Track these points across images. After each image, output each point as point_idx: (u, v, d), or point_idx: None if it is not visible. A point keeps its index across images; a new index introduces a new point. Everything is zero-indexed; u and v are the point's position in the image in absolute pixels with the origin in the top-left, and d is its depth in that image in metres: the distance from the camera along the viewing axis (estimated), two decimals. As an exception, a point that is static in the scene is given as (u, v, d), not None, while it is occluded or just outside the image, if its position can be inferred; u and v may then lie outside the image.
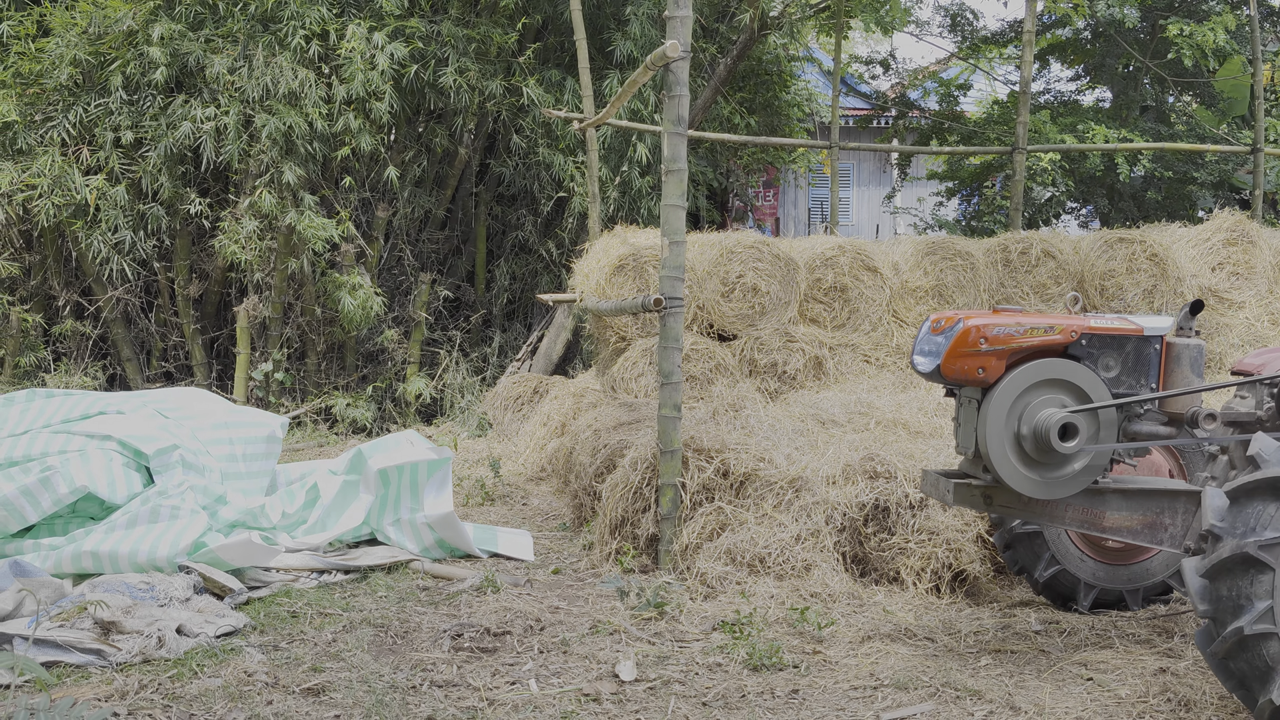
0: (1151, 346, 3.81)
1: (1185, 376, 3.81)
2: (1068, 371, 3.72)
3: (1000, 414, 3.68)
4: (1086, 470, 3.75)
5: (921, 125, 16.15)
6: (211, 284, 10.18)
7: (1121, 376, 3.80)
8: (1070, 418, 3.63)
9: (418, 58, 9.95)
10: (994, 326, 3.70)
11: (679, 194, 5.12)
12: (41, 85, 9.45)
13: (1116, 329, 3.79)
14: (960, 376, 3.72)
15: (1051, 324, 3.74)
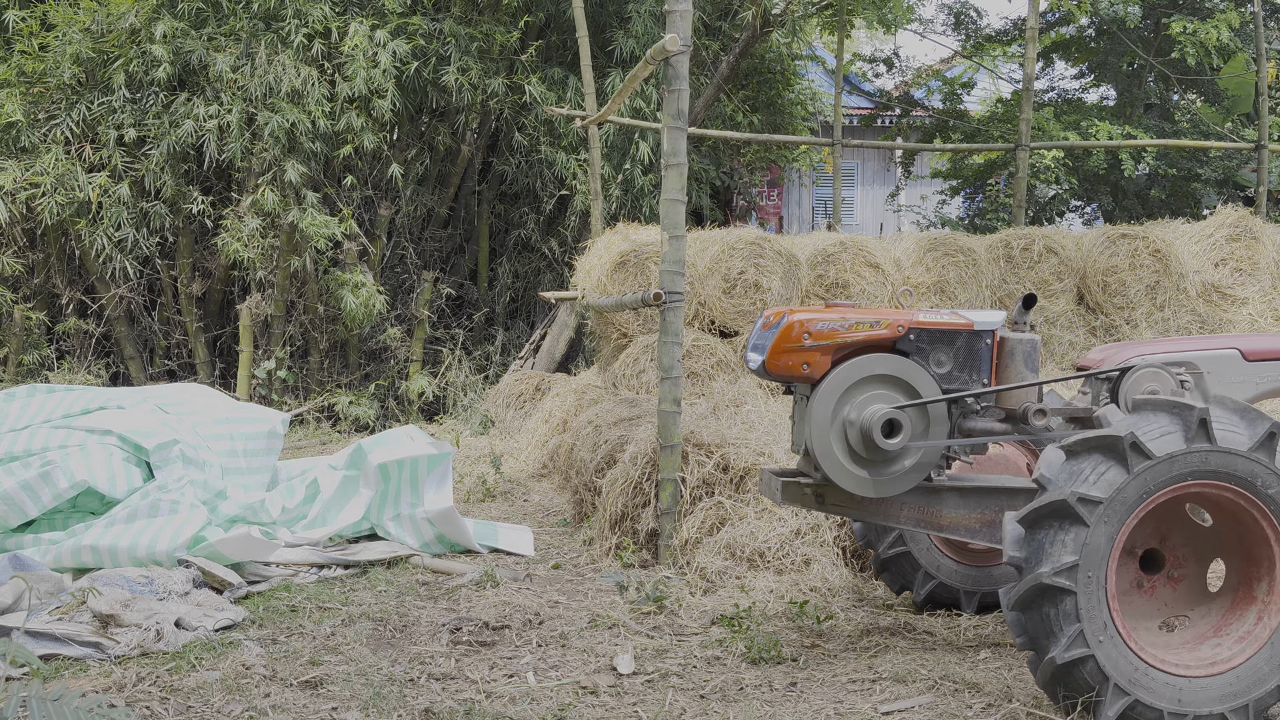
0: (983, 341, 3.71)
1: (1020, 371, 3.73)
2: (894, 367, 3.64)
3: (826, 410, 3.61)
4: (917, 468, 3.67)
5: (925, 124, 16.13)
6: (214, 282, 10.19)
7: (954, 372, 3.70)
8: (895, 414, 3.55)
9: (420, 55, 9.97)
10: (818, 321, 3.63)
11: (679, 188, 5.11)
12: (45, 83, 9.47)
13: (946, 324, 3.70)
14: (785, 372, 3.65)
15: (878, 319, 3.66)
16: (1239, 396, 3.75)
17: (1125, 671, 3.08)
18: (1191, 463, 3.08)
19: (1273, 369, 3.82)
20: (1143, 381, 3.62)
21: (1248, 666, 3.14)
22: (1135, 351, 3.82)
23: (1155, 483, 3.08)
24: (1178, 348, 3.86)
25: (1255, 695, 3.13)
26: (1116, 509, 3.06)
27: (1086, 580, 3.06)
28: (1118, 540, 3.08)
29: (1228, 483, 3.11)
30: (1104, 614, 3.08)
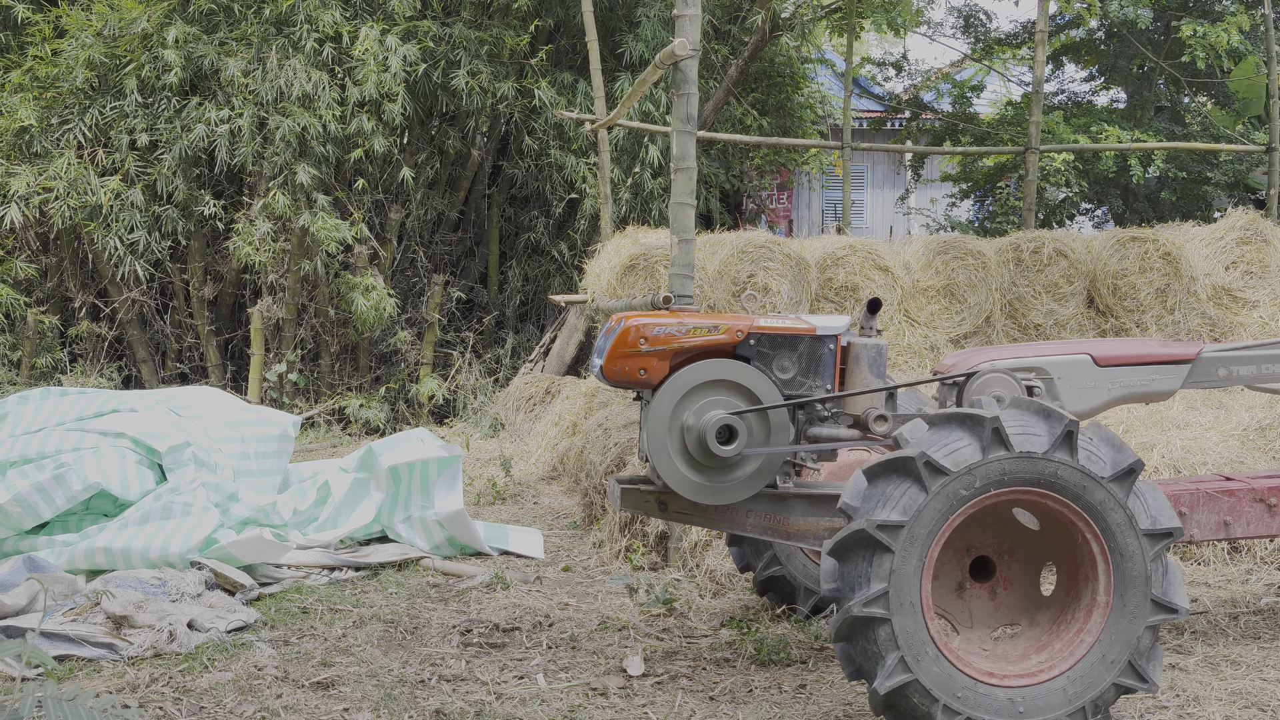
0: (826, 346, 3.62)
1: (865, 376, 3.64)
2: (733, 372, 3.54)
3: (662, 417, 3.52)
4: (758, 474, 3.59)
5: (935, 127, 16.14)
6: (226, 285, 10.24)
7: (798, 377, 3.60)
8: (730, 419, 3.46)
9: (430, 59, 10.00)
10: (654, 326, 3.54)
11: (688, 192, 5.13)
12: (58, 88, 9.53)
13: (787, 329, 3.61)
14: (622, 378, 3.56)
15: (716, 324, 3.57)
16: (1091, 402, 3.72)
17: (953, 690, 3.00)
18: (991, 473, 2.99)
19: (1125, 374, 3.76)
20: (987, 387, 3.56)
21: (1080, 667, 3.07)
22: (985, 357, 3.77)
23: (958, 498, 2.99)
24: (1028, 353, 3.80)
25: (1091, 696, 3.06)
26: (921, 530, 2.98)
27: (900, 605, 2.98)
28: (928, 561, 3.00)
29: (1033, 487, 3.03)
30: (923, 636, 3.00)
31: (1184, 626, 4.26)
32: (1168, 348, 3.82)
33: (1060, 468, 3.01)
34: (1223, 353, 3.82)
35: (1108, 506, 3.03)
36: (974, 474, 2.99)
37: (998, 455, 2.99)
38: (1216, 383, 3.81)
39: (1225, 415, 5.98)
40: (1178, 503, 3.79)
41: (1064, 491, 3.04)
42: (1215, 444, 5.41)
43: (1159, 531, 3.06)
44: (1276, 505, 3.81)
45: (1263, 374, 3.80)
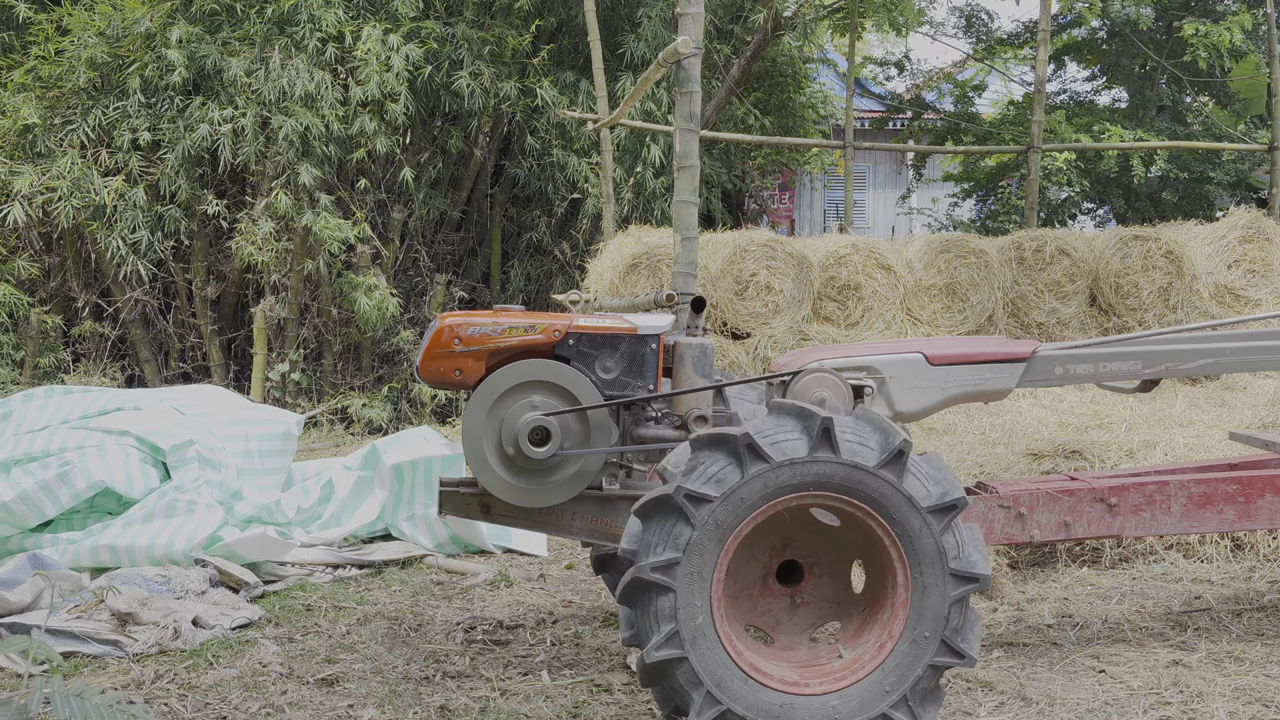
0: (648, 346, 3.54)
1: (689, 376, 3.58)
2: (550, 372, 3.47)
3: (479, 418, 3.45)
4: (577, 476, 3.51)
5: (936, 126, 16.15)
6: (229, 285, 10.25)
7: (621, 378, 3.53)
8: (544, 421, 3.40)
9: (433, 59, 10.01)
10: (469, 326, 3.47)
11: (691, 190, 5.14)
12: (60, 88, 9.54)
13: (607, 329, 3.53)
14: (438, 379, 3.50)
15: (533, 323, 3.50)
16: (924, 401, 3.67)
17: (721, 679, 2.92)
18: (812, 472, 2.91)
19: (959, 373, 3.70)
20: (811, 386, 3.48)
21: (859, 688, 2.97)
22: (818, 356, 3.71)
23: (773, 488, 2.91)
24: (860, 352, 3.74)
25: (909, 682, 2.96)
26: (729, 510, 2.90)
27: (688, 579, 2.90)
28: (729, 542, 2.93)
29: (852, 497, 2.94)
30: (705, 616, 2.92)
31: (1187, 623, 4.27)
32: (1003, 346, 3.76)
33: (884, 485, 2.93)
34: (1059, 351, 3.75)
35: (884, 492, 2.93)
36: (795, 468, 2.90)
37: (824, 456, 2.91)
38: (1053, 381, 3.74)
39: (1228, 413, 5.99)
40: (1017, 503, 3.73)
41: (878, 508, 2.95)
42: (1218, 441, 5.42)
43: (943, 505, 2.94)
44: (1118, 505, 3.75)
45: (1099, 372, 3.74)
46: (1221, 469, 4.17)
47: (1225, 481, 3.78)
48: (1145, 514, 3.76)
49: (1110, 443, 5.44)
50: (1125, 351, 3.76)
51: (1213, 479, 3.79)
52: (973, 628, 3.01)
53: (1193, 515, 3.77)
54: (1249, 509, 3.76)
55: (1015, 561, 5.03)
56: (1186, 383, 7.17)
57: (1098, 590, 4.80)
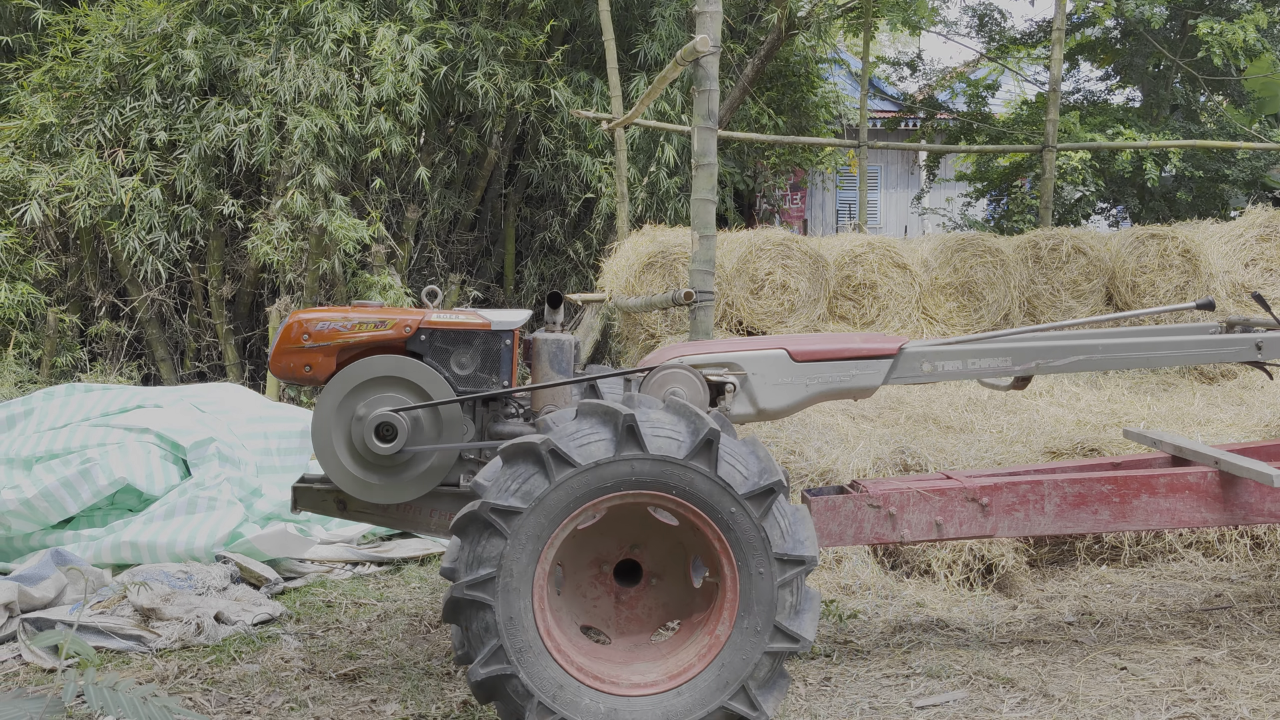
0: (502, 342, 3.50)
1: (546, 372, 3.55)
2: (399, 368, 3.43)
3: (328, 414, 3.42)
4: (430, 472, 3.46)
5: (949, 126, 16.12)
6: (244, 285, 10.28)
7: (477, 373, 3.50)
8: (390, 417, 3.36)
9: (447, 60, 10.04)
10: (318, 321, 3.45)
11: (709, 188, 5.14)
12: (78, 88, 9.59)
13: (459, 324, 3.49)
14: (289, 374, 3.48)
15: (383, 319, 3.46)
16: (788, 398, 3.61)
17: (551, 690, 2.89)
18: (621, 471, 2.88)
19: (823, 369, 3.64)
20: (665, 383, 3.46)
21: (697, 683, 2.94)
22: (684, 352, 3.66)
23: (583, 491, 2.88)
24: (723, 348, 3.69)
25: (699, 715, 2.92)
26: (539, 519, 2.87)
27: (506, 593, 2.87)
28: (544, 550, 2.90)
29: (666, 491, 2.90)
30: (529, 629, 2.90)
31: (1208, 621, 4.27)
32: (869, 342, 3.70)
33: (695, 475, 2.89)
34: (927, 347, 3.71)
35: (698, 483, 2.89)
36: (602, 470, 2.88)
37: (630, 454, 2.87)
38: (921, 378, 3.69)
39: (1246, 412, 5.97)
40: (887, 502, 3.70)
41: (696, 500, 2.91)
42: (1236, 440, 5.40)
43: (760, 490, 2.90)
44: (990, 505, 3.71)
45: (968, 369, 3.69)
46: (1103, 468, 4.14)
47: (1100, 481, 3.75)
48: (1019, 514, 3.72)
49: (1129, 441, 5.42)
50: (994, 348, 3.71)
51: (1087, 479, 3.75)
52: (807, 610, 2.98)
53: (1067, 515, 3.73)
54: (1124, 509, 3.73)
55: (1034, 560, 5.03)
56: (1204, 381, 7.16)
57: (1117, 588, 4.80)
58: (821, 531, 3.65)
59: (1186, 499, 3.76)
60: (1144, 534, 5.11)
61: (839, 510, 3.68)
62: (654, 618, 3.26)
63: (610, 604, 3.24)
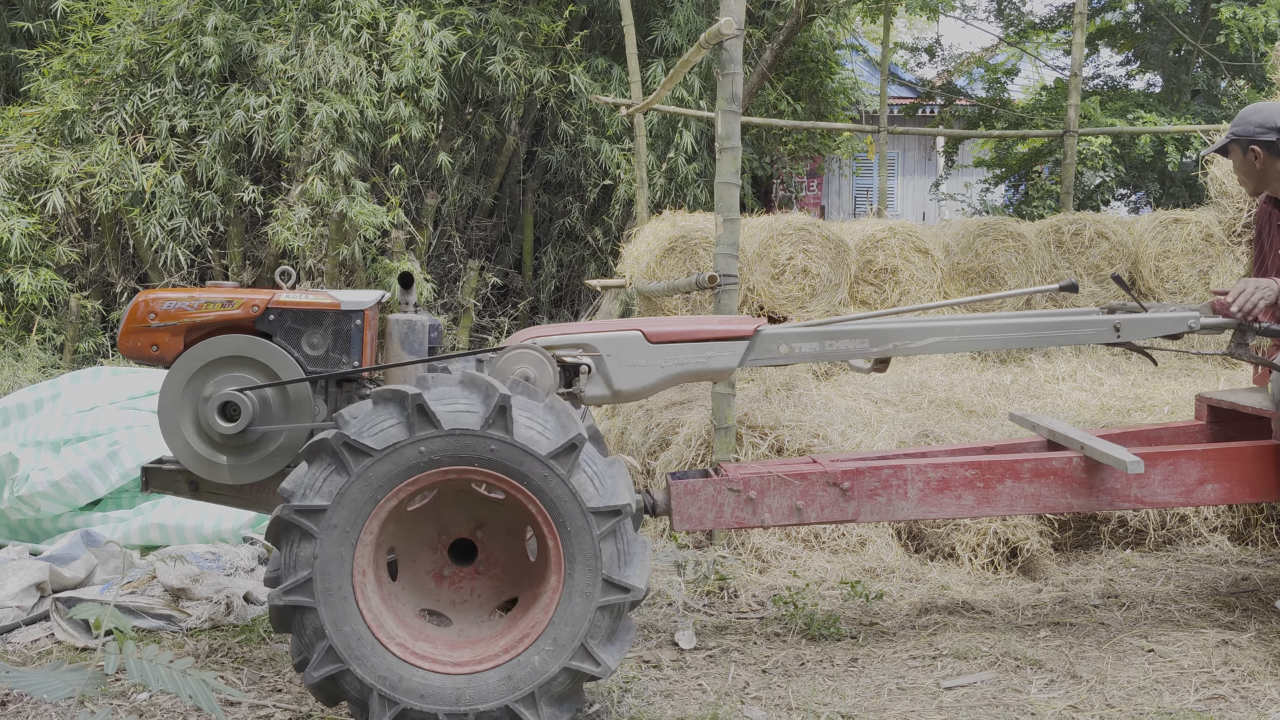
0: (352, 322, 3.47)
1: (397, 352, 3.52)
2: (246, 348, 3.39)
3: (174, 394, 3.39)
4: (280, 452, 3.42)
5: (968, 112, 16.05)
6: (264, 270, 10.32)
7: (330, 354, 3.47)
8: (233, 397, 3.32)
9: (466, 45, 10.04)
10: (165, 301, 3.41)
11: (733, 171, 5.13)
12: (99, 74, 9.63)
13: (308, 304, 3.46)
14: (136, 354, 3.44)
15: (230, 298, 3.43)
16: (644, 380, 3.54)
17: (391, 680, 2.87)
18: (420, 451, 2.86)
19: (679, 351, 3.58)
20: (513, 364, 3.40)
21: (492, 675, 2.92)
22: (540, 333, 3.62)
23: (386, 478, 2.86)
24: (578, 330, 3.63)
25: (540, 681, 2.91)
26: (346, 513, 2.85)
27: (327, 592, 2.85)
28: (359, 544, 2.88)
29: (471, 465, 2.88)
30: (358, 624, 2.88)
31: (1234, 604, 4.26)
32: (725, 324, 3.64)
33: (494, 443, 2.87)
34: (784, 329, 3.66)
35: (550, 483, 2.89)
36: (401, 453, 2.85)
37: (426, 433, 2.85)
38: (778, 360, 3.64)
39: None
40: (747, 486, 3.66)
41: (502, 468, 2.89)
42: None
43: (607, 509, 2.90)
44: (851, 489, 3.67)
45: (826, 350, 3.64)
46: (974, 452, 4.09)
47: (964, 466, 3.70)
48: (881, 499, 3.68)
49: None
50: (851, 330, 3.66)
51: (951, 464, 3.71)
52: (635, 560, 2.96)
53: (930, 500, 3.69)
54: (988, 494, 3.69)
55: (1059, 543, 5.03)
56: (1230, 366, 7.12)
57: (1142, 571, 4.79)
58: (682, 515, 3.63)
59: (1051, 484, 3.72)
60: (1169, 517, 5.10)
61: (699, 494, 3.64)
62: (495, 595, 3.25)
63: (449, 585, 3.23)
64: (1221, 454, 3.79)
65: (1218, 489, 3.78)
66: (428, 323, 3.60)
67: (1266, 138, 3.94)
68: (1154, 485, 3.74)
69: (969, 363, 7.12)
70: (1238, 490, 3.79)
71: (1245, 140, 3.98)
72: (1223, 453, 3.79)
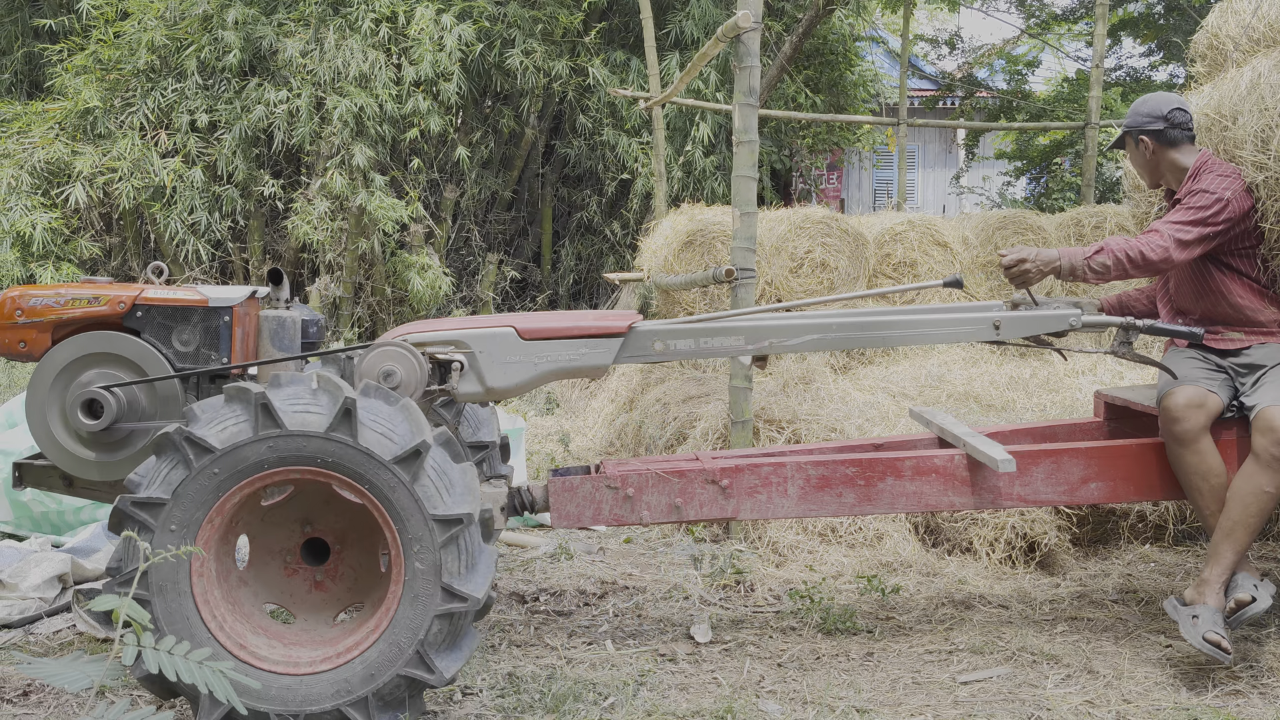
0: (221, 319, 3.43)
1: (266, 349, 3.51)
2: (112, 344, 3.37)
3: (41, 391, 3.37)
4: (148, 449, 3.36)
5: (989, 105, 15.96)
6: (284, 264, 10.38)
7: (200, 350, 3.44)
8: (96, 394, 3.28)
9: (485, 39, 10.05)
10: (31, 298, 3.39)
11: (750, 165, 5.13)
12: (120, 70, 9.70)
13: (176, 300, 3.42)
14: (6, 351, 3.42)
15: (97, 295, 3.39)
16: (516, 377, 3.50)
17: (181, 629, 2.84)
18: (262, 451, 2.84)
19: (552, 348, 3.53)
20: (380, 361, 3.37)
21: (367, 655, 2.90)
22: (415, 329, 3.58)
23: (226, 476, 2.84)
24: (450, 326, 3.59)
25: (373, 686, 2.89)
26: (185, 509, 2.83)
27: (161, 587, 2.83)
28: (197, 541, 2.86)
29: (315, 466, 2.86)
30: (193, 619, 2.86)
31: (1255, 600, 4.23)
32: (600, 320, 3.60)
33: (339, 447, 2.85)
34: (658, 326, 3.60)
35: (394, 488, 2.87)
36: (244, 452, 2.84)
37: (270, 433, 2.84)
38: (653, 357, 3.58)
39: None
40: (625, 483, 3.64)
41: (348, 472, 2.87)
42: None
43: (449, 517, 2.87)
44: (730, 487, 3.64)
45: (701, 347, 3.58)
46: (864, 449, 4.04)
47: (845, 464, 3.67)
48: (761, 496, 3.66)
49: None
50: (727, 327, 3.59)
51: (832, 461, 3.68)
52: (478, 569, 2.94)
53: (811, 498, 3.66)
54: (869, 492, 3.66)
55: (1077, 538, 5.00)
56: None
57: (1161, 567, 4.76)
58: (560, 512, 3.63)
59: (933, 482, 3.68)
60: (1188, 513, 5.07)
61: (576, 491, 3.63)
62: (345, 597, 3.24)
63: (301, 584, 3.22)
64: (1104, 452, 3.73)
65: (1102, 487, 3.72)
66: (301, 319, 3.58)
67: (1154, 127, 3.86)
68: (1037, 483, 3.70)
69: (988, 356, 7.09)
70: (1122, 489, 3.74)
71: (1135, 131, 3.91)
72: (1105, 450, 3.74)
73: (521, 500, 3.72)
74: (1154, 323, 3.55)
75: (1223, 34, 4.25)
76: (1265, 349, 3.76)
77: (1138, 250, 3.63)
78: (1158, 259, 3.63)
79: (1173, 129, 3.86)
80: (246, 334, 3.55)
